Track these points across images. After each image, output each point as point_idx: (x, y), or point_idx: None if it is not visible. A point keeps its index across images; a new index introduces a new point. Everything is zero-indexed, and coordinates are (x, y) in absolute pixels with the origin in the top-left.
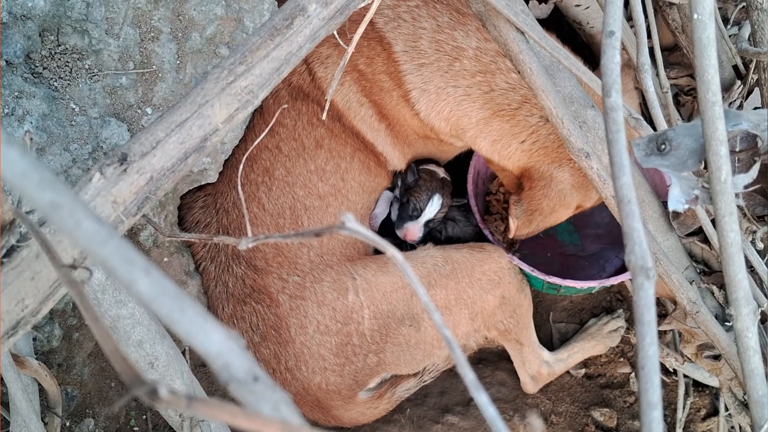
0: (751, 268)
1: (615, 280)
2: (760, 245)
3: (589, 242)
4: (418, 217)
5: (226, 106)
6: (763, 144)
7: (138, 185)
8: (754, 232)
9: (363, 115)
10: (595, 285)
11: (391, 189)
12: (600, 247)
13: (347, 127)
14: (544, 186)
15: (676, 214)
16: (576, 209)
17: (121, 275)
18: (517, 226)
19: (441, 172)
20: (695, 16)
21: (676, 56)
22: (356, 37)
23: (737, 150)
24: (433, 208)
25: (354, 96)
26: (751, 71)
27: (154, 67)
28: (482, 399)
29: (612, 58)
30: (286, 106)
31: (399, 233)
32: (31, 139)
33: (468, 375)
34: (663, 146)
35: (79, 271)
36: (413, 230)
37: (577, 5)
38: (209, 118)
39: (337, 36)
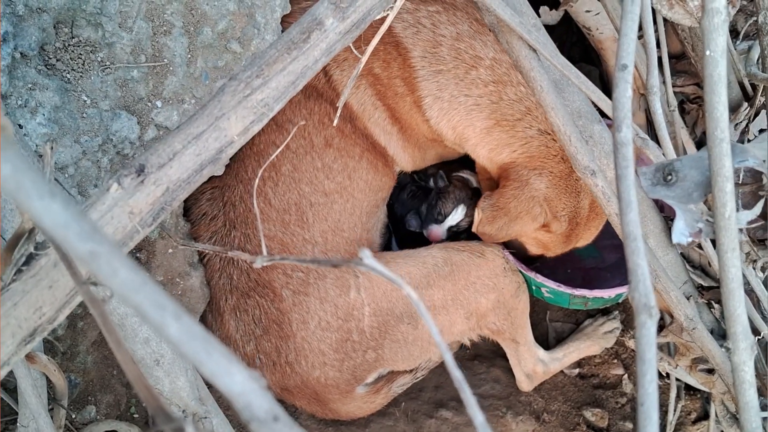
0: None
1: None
2: (761, 275)
3: (607, 253)
4: (441, 222)
5: (242, 119)
6: None
7: (154, 196)
8: (755, 261)
9: (377, 118)
10: (623, 291)
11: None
12: (619, 256)
13: (359, 128)
14: (518, 187)
15: None
16: (541, 228)
17: (153, 320)
18: (480, 220)
19: (474, 181)
20: (707, 52)
21: (683, 64)
22: (370, 48)
23: (741, 182)
24: (456, 216)
25: (369, 99)
26: (759, 94)
27: (165, 60)
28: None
29: (624, 92)
30: (303, 122)
31: (424, 232)
32: (51, 148)
33: (468, 396)
34: (669, 177)
35: (101, 288)
36: (436, 233)
37: (588, 11)
38: (225, 130)
39: (352, 47)
